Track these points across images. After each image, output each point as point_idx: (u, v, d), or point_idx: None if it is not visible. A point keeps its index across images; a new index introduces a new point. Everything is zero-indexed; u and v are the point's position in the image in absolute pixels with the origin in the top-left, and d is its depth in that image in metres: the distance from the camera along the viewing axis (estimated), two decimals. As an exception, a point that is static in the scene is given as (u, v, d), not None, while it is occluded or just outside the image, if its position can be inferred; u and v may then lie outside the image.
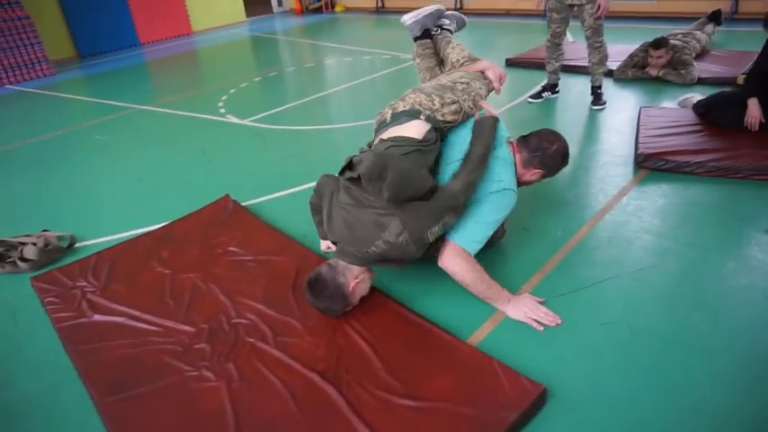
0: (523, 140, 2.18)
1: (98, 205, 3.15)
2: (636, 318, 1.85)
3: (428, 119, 2.01)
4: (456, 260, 1.88)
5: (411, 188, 1.75)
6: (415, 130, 1.98)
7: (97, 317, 2.01)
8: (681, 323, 1.81)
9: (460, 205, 1.85)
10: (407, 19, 2.72)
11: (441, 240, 1.94)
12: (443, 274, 1.93)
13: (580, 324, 1.84)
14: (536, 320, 1.85)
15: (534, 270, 2.14)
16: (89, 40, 8.27)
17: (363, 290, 1.90)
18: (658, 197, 2.63)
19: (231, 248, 2.41)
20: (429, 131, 1.98)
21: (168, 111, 4.90)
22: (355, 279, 1.83)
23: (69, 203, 3.21)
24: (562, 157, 2.17)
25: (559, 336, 1.80)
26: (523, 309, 1.89)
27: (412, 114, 2.02)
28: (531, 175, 2.17)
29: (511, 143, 2.18)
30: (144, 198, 3.18)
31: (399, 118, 2.03)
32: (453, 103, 2.08)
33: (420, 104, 2.05)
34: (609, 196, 2.67)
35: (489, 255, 2.19)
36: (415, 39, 2.73)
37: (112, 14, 8.41)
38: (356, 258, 1.79)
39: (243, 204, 2.88)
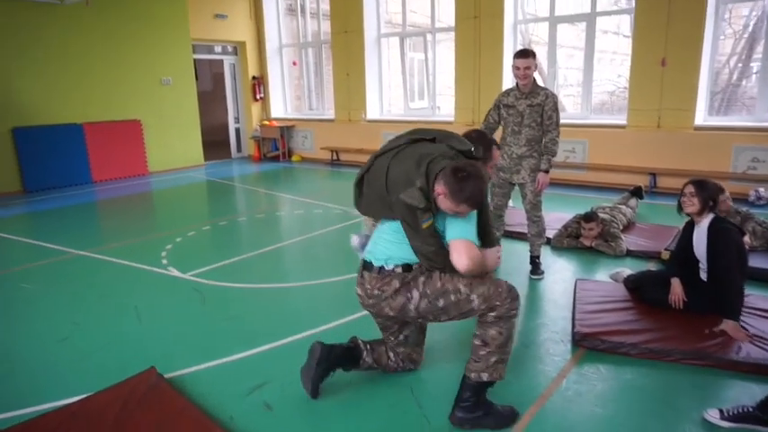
0: None
1: (4, 370, 2.86)
2: None
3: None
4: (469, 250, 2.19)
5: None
6: None
7: None
8: None
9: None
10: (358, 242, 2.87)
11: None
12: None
13: None
14: None
15: (474, 469, 2.02)
16: (38, 175, 8.19)
17: None
18: (597, 381, 2.63)
19: (146, 435, 2.19)
20: None
21: (108, 258, 4.75)
22: None
23: (-28, 367, 2.91)
24: (481, 137, 2.59)
25: None
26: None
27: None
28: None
29: None
30: (62, 363, 2.93)
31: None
32: None
33: None
34: (549, 379, 2.65)
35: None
36: None
37: (67, 151, 8.46)
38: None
39: (169, 375, 2.69)
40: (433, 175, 2.19)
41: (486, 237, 2.42)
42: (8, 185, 7.97)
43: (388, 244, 2.38)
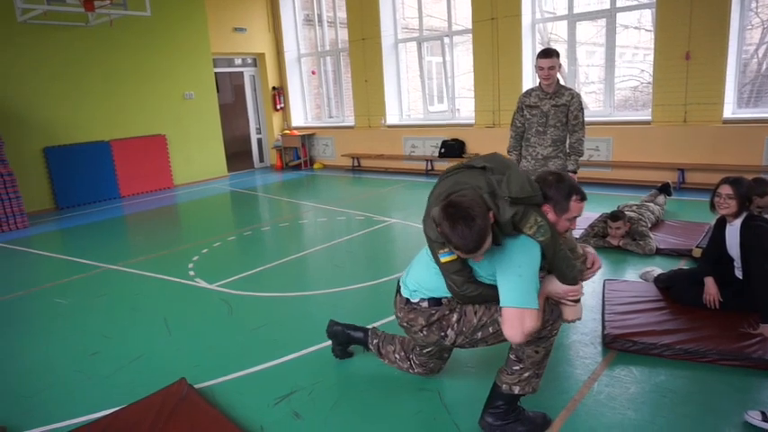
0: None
1: (40, 385, 2.93)
2: None
3: None
4: (523, 323, 2.00)
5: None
6: None
7: None
8: None
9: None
10: None
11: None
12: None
13: None
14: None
15: (506, 476, 1.99)
16: (69, 193, 8.41)
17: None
18: (629, 383, 2.57)
19: (178, 446, 2.21)
20: None
21: (137, 271, 4.84)
22: None
23: (4, 382, 2.98)
24: (557, 182, 2.15)
25: None
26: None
27: None
28: (547, 213, 2.14)
29: None
30: (93, 377, 2.98)
31: None
32: None
33: None
34: (580, 382, 2.60)
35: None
36: None
37: (96, 168, 8.67)
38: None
39: (200, 386, 2.72)
40: None
41: (562, 277, 2.16)
42: (41, 203, 8.20)
43: (422, 269, 2.32)
